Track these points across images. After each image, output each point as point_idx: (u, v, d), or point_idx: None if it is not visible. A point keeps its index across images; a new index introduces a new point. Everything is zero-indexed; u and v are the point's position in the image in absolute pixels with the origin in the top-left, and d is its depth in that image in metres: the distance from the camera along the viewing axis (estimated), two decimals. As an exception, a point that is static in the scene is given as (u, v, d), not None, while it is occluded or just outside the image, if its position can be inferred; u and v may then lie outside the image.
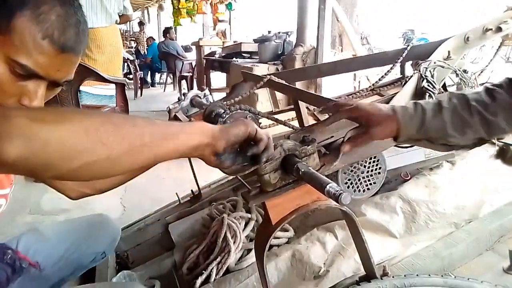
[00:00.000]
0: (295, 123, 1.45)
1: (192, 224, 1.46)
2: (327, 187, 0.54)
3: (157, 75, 9.08)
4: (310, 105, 1.54)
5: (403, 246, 1.16)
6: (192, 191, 1.59)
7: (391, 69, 1.36)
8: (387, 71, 1.37)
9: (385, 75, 1.37)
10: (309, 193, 0.66)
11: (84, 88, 2.78)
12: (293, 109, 1.59)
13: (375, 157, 1.32)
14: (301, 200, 0.67)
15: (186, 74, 7.12)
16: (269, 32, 4.09)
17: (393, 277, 0.74)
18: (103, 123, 0.45)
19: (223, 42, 6.36)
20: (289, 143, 0.65)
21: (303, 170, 0.60)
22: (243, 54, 4.56)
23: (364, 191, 1.35)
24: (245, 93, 1.39)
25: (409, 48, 1.35)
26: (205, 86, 5.53)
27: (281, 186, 0.65)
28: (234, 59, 4.54)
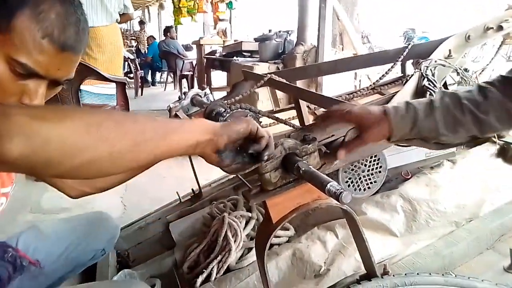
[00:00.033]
0: (295, 122, 1.45)
1: (192, 223, 1.46)
2: (328, 185, 0.53)
3: (157, 74, 9.07)
4: (310, 104, 1.54)
5: (404, 244, 1.16)
6: (192, 190, 1.59)
7: (392, 68, 1.36)
8: (388, 70, 1.37)
9: (386, 74, 1.37)
10: (309, 192, 0.66)
11: (84, 87, 2.77)
12: (293, 108, 1.59)
13: (375, 156, 1.32)
14: (301, 199, 0.67)
15: (186, 73, 7.12)
16: (270, 31, 4.09)
17: (393, 276, 0.74)
18: (104, 120, 0.45)
19: (224, 41, 6.36)
20: (289, 142, 0.64)
21: (303, 168, 0.59)
22: (244, 53, 4.56)
23: (364, 189, 1.35)
24: (245, 92, 1.39)
25: (410, 47, 1.35)
26: (206, 85, 5.54)
27: (281, 185, 0.65)
28: (234, 58, 4.54)
